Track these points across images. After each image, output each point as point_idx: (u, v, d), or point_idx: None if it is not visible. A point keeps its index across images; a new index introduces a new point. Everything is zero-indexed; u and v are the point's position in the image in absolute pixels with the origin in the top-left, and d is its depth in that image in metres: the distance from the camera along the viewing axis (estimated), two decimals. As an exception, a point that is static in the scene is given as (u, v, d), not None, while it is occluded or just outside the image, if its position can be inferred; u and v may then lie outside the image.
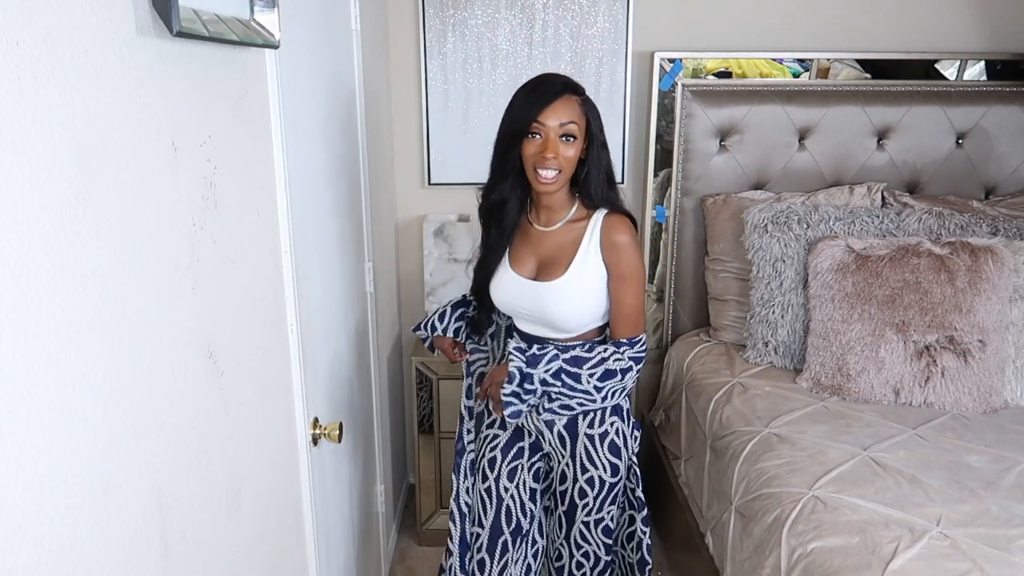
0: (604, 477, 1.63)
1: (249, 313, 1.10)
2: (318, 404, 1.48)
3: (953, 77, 2.57)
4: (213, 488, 0.96)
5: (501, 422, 1.69)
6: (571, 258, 1.54)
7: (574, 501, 1.66)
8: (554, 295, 1.54)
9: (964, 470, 1.69)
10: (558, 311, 1.55)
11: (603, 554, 1.70)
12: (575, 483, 1.64)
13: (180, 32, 0.77)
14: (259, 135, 1.15)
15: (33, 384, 0.59)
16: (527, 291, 1.58)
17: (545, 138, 1.47)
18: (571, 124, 1.47)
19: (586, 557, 1.70)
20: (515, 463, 1.69)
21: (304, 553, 1.41)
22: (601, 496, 1.65)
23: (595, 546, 1.69)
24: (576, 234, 1.56)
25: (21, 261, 0.57)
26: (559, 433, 1.63)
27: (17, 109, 0.57)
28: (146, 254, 0.77)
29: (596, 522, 1.67)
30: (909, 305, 2.05)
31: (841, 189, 2.47)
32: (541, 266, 1.59)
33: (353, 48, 1.90)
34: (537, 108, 1.45)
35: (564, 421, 1.61)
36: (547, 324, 1.59)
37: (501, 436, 1.71)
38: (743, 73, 2.54)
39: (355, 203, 1.95)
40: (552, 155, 1.46)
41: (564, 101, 1.47)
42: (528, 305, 1.59)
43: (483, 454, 1.72)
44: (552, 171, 1.48)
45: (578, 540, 1.69)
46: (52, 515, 0.62)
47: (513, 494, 1.69)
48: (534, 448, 1.71)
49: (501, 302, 1.64)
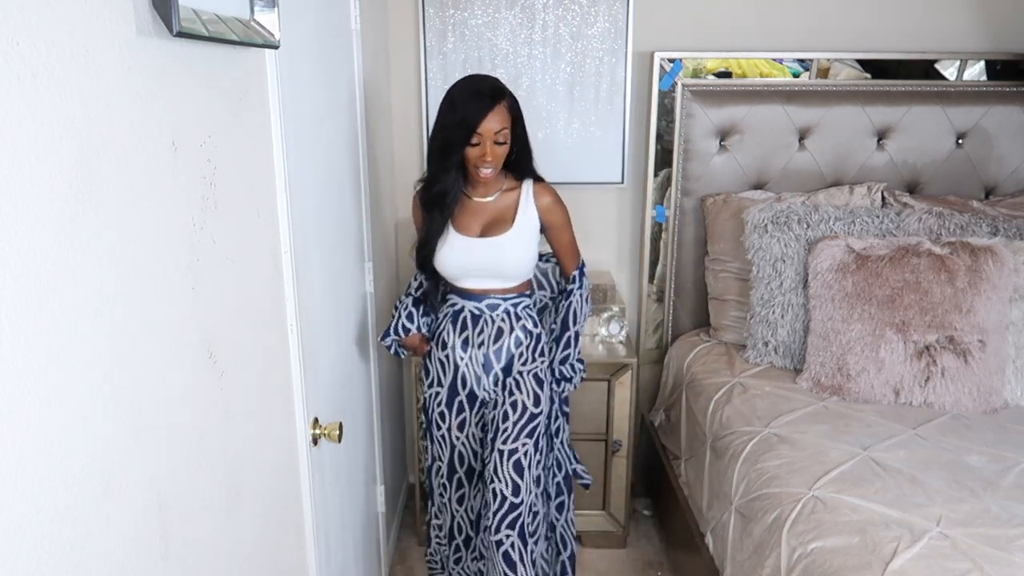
0: (527, 403, 1.84)
1: (249, 313, 1.10)
2: (318, 404, 1.48)
3: (953, 77, 2.57)
4: (213, 488, 0.96)
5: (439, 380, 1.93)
6: (514, 215, 1.83)
7: (498, 425, 1.85)
8: (508, 244, 1.82)
9: (964, 470, 1.69)
10: (512, 258, 1.83)
11: (509, 494, 1.79)
12: (501, 407, 1.86)
13: (180, 32, 0.77)
14: (259, 135, 1.15)
15: (33, 384, 0.59)
16: (478, 248, 1.82)
17: (483, 144, 1.71)
18: (503, 131, 1.72)
19: (493, 495, 1.80)
20: (461, 416, 1.93)
21: (304, 553, 1.41)
22: (520, 423, 1.83)
23: (503, 483, 1.79)
24: (512, 198, 1.85)
25: (21, 261, 0.57)
26: (495, 376, 1.89)
27: (17, 109, 0.57)
28: (146, 254, 0.77)
29: (510, 452, 1.80)
30: (909, 305, 2.05)
31: (841, 189, 2.47)
32: (487, 227, 1.84)
33: (353, 48, 1.90)
34: (474, 120, 1.69)
35: (503, 363, 1.88)
36: (498, 275, 1.85)
37: (442, 392, 1.93)
38: (743, 73, 2.54)
39: (355, 203, 1.95)
40: (490, 158, 1.72)
41: (496, 111, 1.70)
42: (481, 260, 1.83)
43: (432, 408, 1.96)
44: (490, 169, 1.75)
45: (491, 472, 1.82)
46: (52, 515, 0.62)
47: (464, 442, 1.94)
48: (471, 399, 1.91)
49: (452, 264, 1.85)
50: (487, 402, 1.91)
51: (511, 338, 1.88)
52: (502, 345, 1.88)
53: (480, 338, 1.87)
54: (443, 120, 1.74)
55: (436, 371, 1.93)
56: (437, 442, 1.97)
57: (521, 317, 1.89)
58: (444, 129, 1.73)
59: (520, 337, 1.88)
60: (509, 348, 1.88)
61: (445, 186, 1.78)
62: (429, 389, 1.97)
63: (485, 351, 1.87)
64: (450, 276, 1.88)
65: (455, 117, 1.70)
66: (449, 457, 1.96)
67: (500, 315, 1.87)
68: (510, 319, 1.87)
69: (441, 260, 1.85)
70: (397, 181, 2.68)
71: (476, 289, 1.87)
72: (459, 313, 1.89)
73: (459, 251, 1.83)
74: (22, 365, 0.58)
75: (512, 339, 1.88)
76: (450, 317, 1.90)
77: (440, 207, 1.81)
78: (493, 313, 1.87)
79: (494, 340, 1.87)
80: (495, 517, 1.79)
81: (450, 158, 1.74)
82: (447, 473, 1.98)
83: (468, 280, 1.87)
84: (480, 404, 1.92)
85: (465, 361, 1.89)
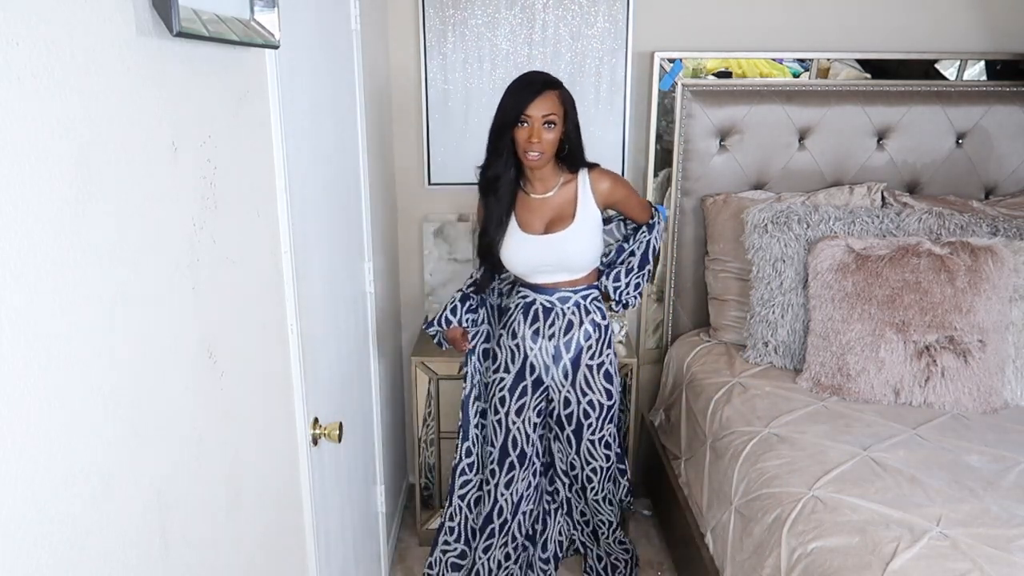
0: (602, 401, 2.03)
1: (249, 313, 1.10)
2: (318, 404, 1.48)
3: (953, 77, 2.57)
4: (213, 488, 0.96)
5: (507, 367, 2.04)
6: (574, 209, 1.92)
7: (580, 421, 2.04)
8: (571, 238, 1.90)
9: (964, 470, 1.69)
10: (576, 251, 1.92)
11: (605, 463, 2.10)
12: (579, 405, 2.02)
13: (180, 32, 0.77)
14: (259, 135, 1.15)
15: (33, 384, 0.59)
16: (543, 245, 1.92)
17: (531, 126, 1.81)
18: (551, 115, 1.81)
19: (594, 472, 2.10)
20: (521, 401, 2.04)
21: (304, 553, 1.41)
22: (602, 416, 2.04)
23: (600, 459, 2.09)
24: (571, 192, 1.93)
25: (21, 261, 0.57)
26: (564, 367, 1.99)
27: (17, 109, 0.57)
28: (146, 254, 0.77)
29: (600, 439, 2.06)
30: (909, 305, 2.05)
31: (841, 189, 2.47)
32: (549, 224, 1.93)
33: (353, 48, 1.90)
34: (524, 103, 1.80)
35: (572, 355, 1.98)
36: (565, 268, 1.95)
37: (507, 378, 2.04)
38: (743, 73, 2.54)
39: (355, 203, 1.95)
40: (537, 140, 1.81)
41: (545, 96, 1.81)
42: (547, 256, 1.92)
43: (493, 393, 2.06)
44: (537, 153, 1.82)
45: (587, 456, 2.08)
46: (52, 515, 0.62)
47: (520, 427, 2.06)
48: (536, 385, 2.03)
49: (520, 262, 1.95)
50: (551, 391, 2.04)
51: (580, 331, 1.98)
52: (572, 337, 1.98)
53: (551, 330, 1.98)
54: (498, 109, 1.87)
55: (505, 358, 2.03)
56: (491, 427, 2.08)
57: (591, 311, 1.99)
58: (498, 115, 1.86)
59: (589, 330, 1.99)
60: (579, 341, 1.98)
61: (498, 171, 1.90)
62: (494, 375, 2.07)
63: (556, 343, 1.98)
64: (520, 273, 1.99)
65: (507, 103, 1.83)
66: (503, 441, 2.06)
67: (571, 308, 1.97)
68: (580, 312, 1.98)
69: (509, 259, 1.95)
70: (397, 181, 2.68)
71: (547, 283, 1.97)
72: (530, 305, 1.99)
73: (526, 249, 1.93)
74: (22, 365, 0.58)
75: (582, 332, 1.98)
76: (521, 308, 2.00)
77: (495, 192, 1.92)
78: (564, 306, 1.97)
79: (564, 332, 1.98)
80: (600, 484, 2.11)
81: (502, 140, 1.86)
82: (499, 457, 2.08)
83: (538, 276, 1.97)
84: (543, 390, 2.04)
85: (535, 351, 1.99)
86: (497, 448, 2.08)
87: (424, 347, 2.52)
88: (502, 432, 2.06)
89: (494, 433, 2.07)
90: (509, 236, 1.93)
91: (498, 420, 2.06)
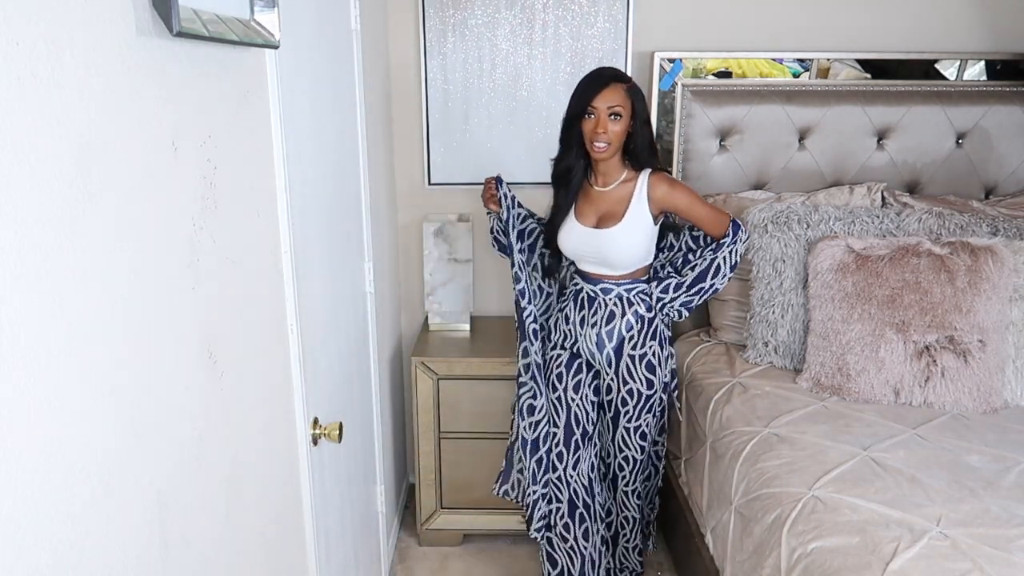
0: (641, 390, 2.06)
1: (249, 313, 1.10)
2: (318, 404, 1.48)
3: (953, 77, 2.57)
4: (213, 488, 0.96)
5: (562, 343, 2.11)
6: (624, 210, 1.97)
7: (618, 409, 2.09)
8: (614, 238, 1.97)
9: (964, 470, 1.68)
10: (614, 251, 1.98)
11: (639, 455, 2.13)
12: (619, 393, 2.07)
13: (180, 32, 0.77)
14: (259, 135, 1.15)
15: (33, 384, 0.59)
16: (590, 238, 1.99)
17: (597, 117, 1.88)
18: (617, 107, 1.87)
19: (626, 460, 2.13)
20: (577, 378, 2.10)
21: (304, 553, 1.41)
22: (640, 405, 2.07)
23: (633, 450, 2.12)
24: (627, 191, 1.98)
25: (21, 261, 0.57)
26: (607, 355, 2.05)
27: (17, 109, 0.57)
28: (146, 254, 0.77)
29: (635, 428, 2.10)
30: (909, 305, 2.05)
31: (841, 189, 2.47)
32: (601, 218, 2.00)
33: (353, 48, 1.90)
34: (590, 94, 1.88)
35: (614, 344, 2.04)
36: (605, 264, 2.01)
37: (563, 355, 2.11)
38: (743, 73, 2.54)
39: (355, 203, 1.95)
40: (602, 130, 1.88)
41: (612, 88, 1.88)
42: (590, 249, 2.00)
43: (551, 369, 2.13)
44: (603, 143, 1.89)
45: (620, 445, 2.12)
46: (52, 515, 0.62)
47: (579, 403, 2.11)
48: (588, 365, 2.10)
49: (568, 248, 2.04)
50: (600, 372, 2.10)
51: (622, 322, 2.03)
52: (613, 327, 2.03)
53: (594, 319, 2.05)
54: (569, 103, 1.94)
55: (561, 335, 2.11)
56: (553, 405, 2.12)
57: (634, 303, 2.04)
58: (568, 108, 1.94)
59: (631, 321, 2.03)
60: (620, 331, 2.04)
61: (569, 163, 1.98)
62: (552, 351, 2.14)
63: (598, 331, 2.04)
64: (569, 257, 2.08)
65: (576, 96, 1.91)
66: (567, 419, 2.10)
67: (612, 299, 2.03)
68: (622, 304, 2.03)
69: (562, 242, 2.05)
70: (397, 181, 2.68)
71: (592, 273, 2.05)
72: (579, 292, 2.08)
73: (576, 238, 2.01)
74: (22, 365, 0.58)
75: (623, 323, 2.03)
76: (572, 294, 2.09)
77: (566, 184, 2.00)
78: (606, 297, 2.04)
79: (606, 322, 2.04)
80: (632, 475, 2.14)
81: (571, 132, 1.94)
82: (564, 438, 2.10)
83: (584, 264, 2.06)
84: (595, 373, 2.11)
85: (584, 337, 2.07)
86: (562, 428, 2.11)
87: (424, 347, 2.52)
88: (564, 410, 2.11)
89: (556, 413, 2.12)
90: (566, 222, 2.03)
91: (557, 398, 2.11)
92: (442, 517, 2.60)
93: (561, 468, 2.11)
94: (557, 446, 2.11)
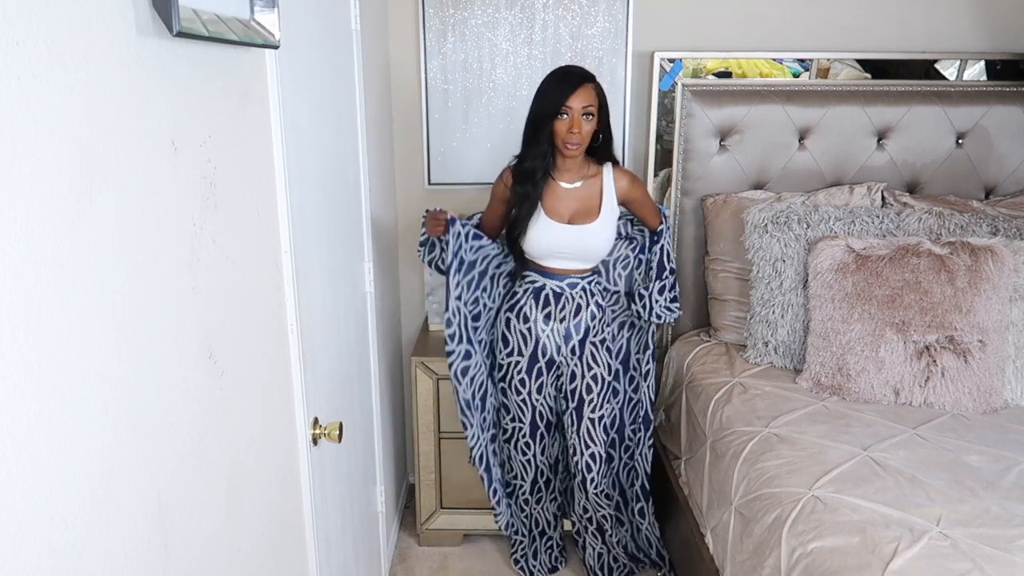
0: (604, 375, 2.13)
1: (249, 313, 1.10)
2: (318, 404, 1.48)
3: (953, 77, 2.57)
4: (213, 488, 0.96)
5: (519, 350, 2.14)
6: (599, 205, 2.04)
7: (582, 397, 2.14)
8: (596, 232, 2.03)
9: (964, 470, 1.68)
10: (597, 245, 2.05)
11: (603, 450, 2.17)
12: (583, 380, 2.13)
13: (180, 32, 0.77)
14: (259, 135, 1.15)
15: (33, 384, 0.59)
16: (567, 234, 2.03)
17: (572, 117, 1.91)
18: (590, 106, 1.91)
19: (593, 458, 2.16)
20: (539, 380, 2.17)
21: (304, 553, 1.41)
22: (603, 393, 2.14)
23: (598, 445, 2.15)
24: (597, 186, 2.05)
25: (21, 261, 0.57)
26: (573, 346, 2.12)
27: (17, 109, 0.57)
28: (146, 254, 0.77)
29: (599, 419, 2.15)
30: (909, 305, 2.05)
31: (841, 189, 2.47)
32: (575, 214, 2.03)
33: (353, 48, 1.90)
34: (565, 95, 1.89)
35: (581, 335, 2.12)
36: (583, 258, 2.08)
37: (522, 361, 2.15)
38: (743, 73, 2.54)
39: (355, 203, 1.95)
40: (577, 130, 1.91)
41: (584, 89, 1.91)
42: (568, 245, 2.04)
43: (512, 376, 2.17)
44: (576, 143, 1.93)
45: (586, 439, 2.15)
46: (52, 515, 0.62)
47: (543, 402, 2.19)
48: (549, 366, 2.16)
49: (541, 246, 2.05)
50: (561, 365, 2.16)
51: (587, 312, 2.12)
52: (580, 319, 2.12)
53: (562, 314, 2.11)
54: (536, 102, 1.96)
55: (517, 342, 2.14)
56: (516, 407, 2.20)
57: (595, 294, 2.14)
58: (536, 108, 1.95)
59: (594, 311, 2.13)
60: (586, 321, 2.13)
61: (535, 163, 1.98)
62: (508, 358, 2.17)
63: (566, 325, 2.11)
64: (536, 256, 2.09)
65: (547, 96, 1.92)
66: (531, 417, 2.20)
67: (578, 293, 2.11)
68: (586, 296, 2.12)
69: (530, 241, 2.04)
70: (397, 181, 2.68)
71: (559, 269, 2.09)
72: (540, 290, 2.10)
73: (549, 235, 2.03)
74: (22, 365, 0.58)
75: (588, 313, 2.12)
76: (531, 293, 2.11)
77: (532, 182, 2.00)
78: (573, 291, 2.11)
79: (574, 315, 2.11)
80: (599, 475, 2.17)
81: (541, 131, 1.94)
82: (529, 432, 2.23)
83: (553, 261, 2.08)
84: (556, 368, 2.17)
85: (547, 333, 2.12)
86: (527, 424, 2.20)
87: (424, 347, 2.52)
88: (528, 411, 2.19)
89: (520, 412, 2.19)
90: (533, 221, 2.03)
91: (522, 400, 2.18)
92: (442, 517, 2.60)
93: (531, 454, 2.25)
94: (524, 437, 2.23)
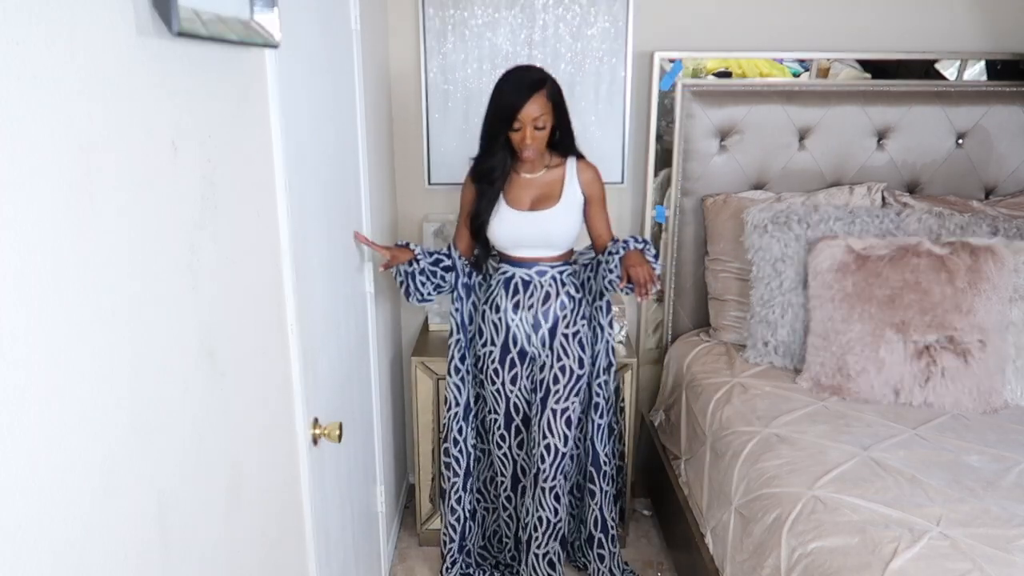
0: (573, 367, 2.10)
1: (249, 313, 1.10)
2: (318, 404, 1.48)
3: (953, 77, 2.57)
4: (213, 488, 0.96)
5: (492, 340, 2.14)
6: (560, 191, 2.04)
7: (548, 387, 2.12)
8: (556, 217, 2.03)
9: (964, 470, 1.69)
10: (560, 230, 2.04)
11: (561, 445, 2.12)
12: (551, 370, 2.11)
13: (180, 32, 0.77)
14: (259, 135, 1.15)
15: (33, 384, 0.59)
16: (529, 220, 2.04)
17: (523, 131, 1.92)
18: (542, 116, 1.91)
19: (547, 449, 2.12)
20: (513, 371, 2.15)
21: (304, 553, 1.41)
22: (569, 385, 2.11)
23: (557, 437, 2.12)
24: (558, 175, 2.06)
25: (21, 261, 0.57)
26: (543, 336, 2.11)
27: (17, 109, 0.57)
28: (146, 254, 0.77)
29: (562, 411, 2.11)
30: (909, 305, 2.05)
31: (841, 189, 2.47)
32: (536, 201, 2.05)
33: (353, 48, 1.90)
34: (515, 107, 1.90)
35: (550, 324, 2.10)
36: (547, 244, 2.07)
37: (495, 351, 2.15)
38: (743, 73, 2.54)
39: (355, 203, 1.95)
40: (530, 142, 1.93)
41: (534, 99, 1.90)
42: (531, 232, 2.05)
43: (486, 365, 2.17)
44: (532, 151, 1.96)
45: (545, 430, 2.12)
46: (52, 515, 0.62)
47: (517, 394, 2.17)
48: (522, 356, 2.14)
49: (505, 235, 2.07)
50: (535, 359, 2.14)
51: (557, 302, 2.10)
52: (549, 307, 2.10)
53: (530, 301, 2.10)
54: (490, 107, 1.97)
55: (489, 332, 2.15)
56: (492, 396, 2.19)
57: (566, 283, 2.11)
58: (491, 115, 1.97)
59: (565, 301, 2.10)
60: (555, 311, 2.10)
61: (493, 163, 2.02)
62: (483, 348, 2.18)
63: (534, 312, 2.10)
64: (502, 246, 2.10)
65: (500, 104, 1.94)
66: (506, 408, 2.18)
67: (548, 281, 2.09)
68: (556, 284, 2.10)
69: (494, 231, 2.07)
70: (397, 181, 2.68)
71: (527, 258, 2.09)
72: (510, 280, 2.10)
73: (511, 224, 2.05)
74: (22, 365, 0.58)
75: (558, 303, 2.10)
76: (502, 283, 2.11)
77: (489, 180, 2.04)
78: (542, 279, 2.09)
79: (542, 303, 2.10)
80: (551, 468, 2.11)
81: (496, 140, 1.98)
82: (504, 423, 2.20)
83: (519, 250, 2.09)
84: (529, 360, 2.15)
85: (516, 322, 2.11)
86: (502, 415, 2.18)
87: (424, 347, 2.52)
88: (503, 401, 2.17)
89: (496, 402, 2.18)
90: (496, 212, 2.06)
91: (496, 390, 2.17)
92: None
93: (505, 447, 2.22)
94: (499, 429, 2.21)
